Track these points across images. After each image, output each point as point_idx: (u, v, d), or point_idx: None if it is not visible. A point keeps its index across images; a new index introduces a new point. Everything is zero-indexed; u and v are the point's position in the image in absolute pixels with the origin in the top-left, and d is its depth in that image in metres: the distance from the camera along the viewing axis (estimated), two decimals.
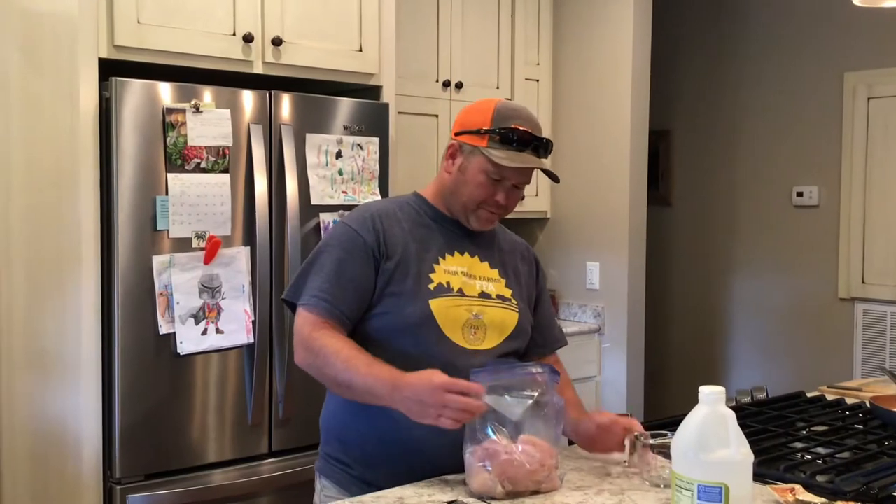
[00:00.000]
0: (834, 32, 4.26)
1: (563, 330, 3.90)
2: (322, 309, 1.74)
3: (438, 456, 1.71)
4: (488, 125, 1.78)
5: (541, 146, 1.80)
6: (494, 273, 1.88)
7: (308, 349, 1.74)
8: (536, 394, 1.66)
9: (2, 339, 2.81)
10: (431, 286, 1.78)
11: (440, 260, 1.81)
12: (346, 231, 1.80)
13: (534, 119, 1.83)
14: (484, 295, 1.82)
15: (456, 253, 1.84)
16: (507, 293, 1.87)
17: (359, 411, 1.77)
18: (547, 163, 1.85)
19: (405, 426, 1.71)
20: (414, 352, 1.73)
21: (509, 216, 4.15)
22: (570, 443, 2.01)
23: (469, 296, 1.81)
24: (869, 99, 4.16)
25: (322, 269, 1.77)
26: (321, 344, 1.71)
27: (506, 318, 1.84)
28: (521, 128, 1.78)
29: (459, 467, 1.66)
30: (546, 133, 4.20)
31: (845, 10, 4.17)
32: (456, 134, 1.84)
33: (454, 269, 1.82)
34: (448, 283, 1.79)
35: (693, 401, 1.48)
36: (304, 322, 1.75)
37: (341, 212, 2.84)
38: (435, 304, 1.76)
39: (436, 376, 1.59)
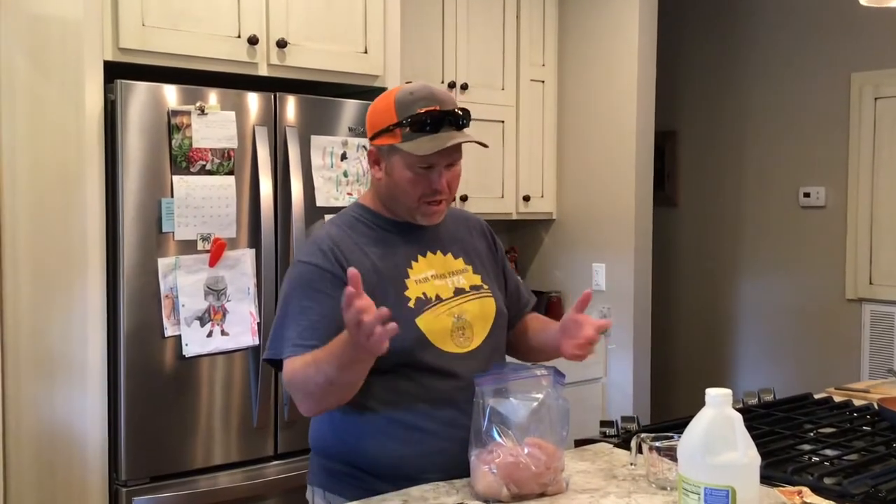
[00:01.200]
0: (840, 33, 4.25)
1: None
2: (297, 352, 1.66)
3: (445, 464, 1.70)
4: (395, 119, 1.70)
5: (456, 118, 1.71)
6: (460, 263, 1.84)
7: (298, 388, 1.66)
8: (541, 396, 1.65)
9: (8, 341, 2.82)
10: (411, 304, 1.73)
11: (409, 272, 1.76)
12: (306, 270, 1.72)
13: (438, 94, 1.73)
14: (459, 291, 1.79)
15: (419, 257, 1.79)
16: (478, 280, 1.84)
17: (362, 429, 1.73)
18: (468, 133, 1.74)
19: (413, 437, 1.69)
20: (411, 372, 1.71)
21: (514, 217, 4.16)
22: (576, 445, 2.01)
23: (446, 298, 1.77)
24: (876, 99, 4.15)
25: (294, 318, 1.69)
26: (301, 373, 1.64)
27: (485, 308, 1.82)
28: (427, 109, 1.69)
29: (466, 472, 1.66)
30: (551, 134, 4.27)
31: (851, 11, 4.15)
32: (371, 139, 1.76)
33: (423, 275, 1.77)
34: (424, 294, 1.75)
35: (699, 403, 1.47)
36: (288, 369, 1.67)
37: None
38: (421, 322, 1.72)
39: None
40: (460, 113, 1.73)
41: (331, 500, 1.79)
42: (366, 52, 3.03)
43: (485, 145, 1.78)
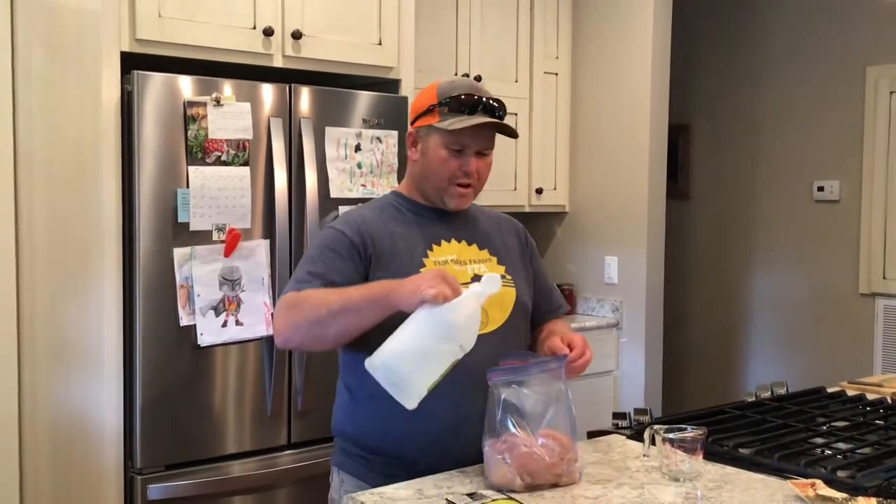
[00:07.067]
0: (856, 26, 4.23)
1: (582, 325, 3.93)
2: (305, 284, 1.74)
3: (456, 448, 1.72)
4: (435, 101, 1.82)
5: (490, 107, 1.82)
6: (484, 254, 1.89)
7: (290, 308, 1.71)
8: (556, 387, 1.66)
9: (25, 330, 2.84)
10: None
11: (428, 253, 1.82)
12: (330, 233, 1.83)
13: (478, 85, 1.87)
14: (477, 278, 1.82)
15: (443, 242, 1.85)
16: (501, 270, 1.88)
17: (375, 413, 1.76)
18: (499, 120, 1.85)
19: (421, 422, 1.71)
20: None
21: (527, 210, 4.17)
22: (589, 436, 2.02)
23: (462, 283, 1.78)
24: (891, 93, 4.13)
25: (305, 265, 1.79)
26: (304, 297, 1.70)
27: (504, 296, 1.83)
28: (465, 93, 1.81)
29: (478, 460, 1.67)
30: (564, 126, 4.27)
31: (868, 4, 4.14)
32: (412, 123, 1.88)
33: (443, 258, 1.83)
34: None
35: (711, 396, 1.47)
36: (292, 293, 1.74)
37: (360, 205, 2.85)
38: None
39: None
40: (496, 105, 1.83)
41: (343, 478, 1.85)
42: (380, 44, 3.03)
43: (515, 135, 1.86)
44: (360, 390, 1.80)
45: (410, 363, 1.55)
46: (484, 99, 1.81)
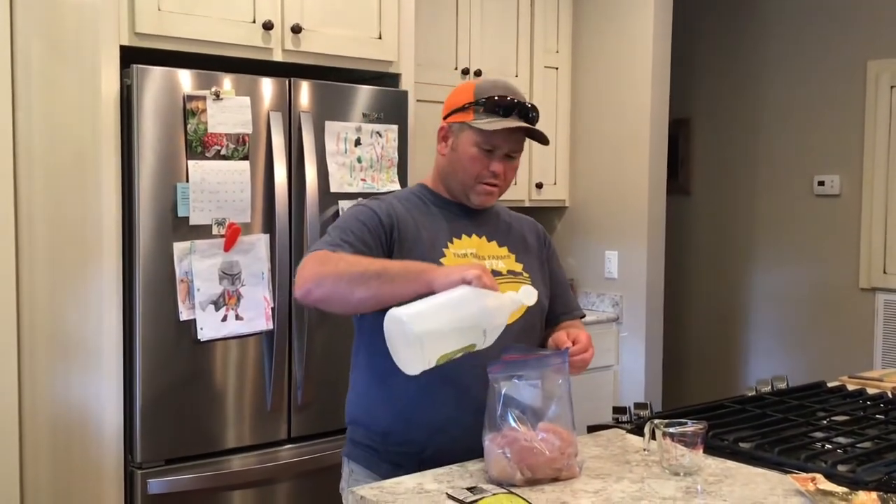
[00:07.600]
0: (857, 20, 4.22)
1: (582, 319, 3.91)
2: (337, 247, 1.73)
3: (463, 437, 1.72)
4: (472, 99, 1.84)
5: (525, 111, 1.84)
6: (503, 250, 1.91)
7: (321, 262, 1.69)
8: (556, 381, 1.66)
9: (24, 324, 2.84)
10: None
11: (449, 245, 1.84)
12: (361, 207, 1.85)
13: (515, 88, 1.88)
14: (495, 273, 1.83)
15: (463, 236, 1.87)
16: (518, 267, 1.90)
17: (384, 398, 1.79)
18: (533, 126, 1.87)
19: (430, 409, 1.73)
20: None
21: (527, 204, 4.16)
22: (589, 430, 2.02)
23: None
24: (892, 87, 4.12)
25: (338, 230, 1.79)
26: (338, 255, 1.70)
27: None
28: (501, 95, 1.83)
29: (468, 451, 1.69)
30: (565, 121, 4.27)
31: None
32: (445, 117, 1.90)
33: (463, 252, 1.85)
34: None
35: (711, 391, 1.47)
36: (315, 252, 1.73)
37: (360, 200, 2.85)
38: None
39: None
40: (530, 108, 1.85)
41: (352, 468, 1.87)
42: (380, 38, 3.02)
43: (546, 142, 1.89)
44: (372, 374, 1.82)
45: (433, 329, 1.55)
46: (518, 102, 1.83)
